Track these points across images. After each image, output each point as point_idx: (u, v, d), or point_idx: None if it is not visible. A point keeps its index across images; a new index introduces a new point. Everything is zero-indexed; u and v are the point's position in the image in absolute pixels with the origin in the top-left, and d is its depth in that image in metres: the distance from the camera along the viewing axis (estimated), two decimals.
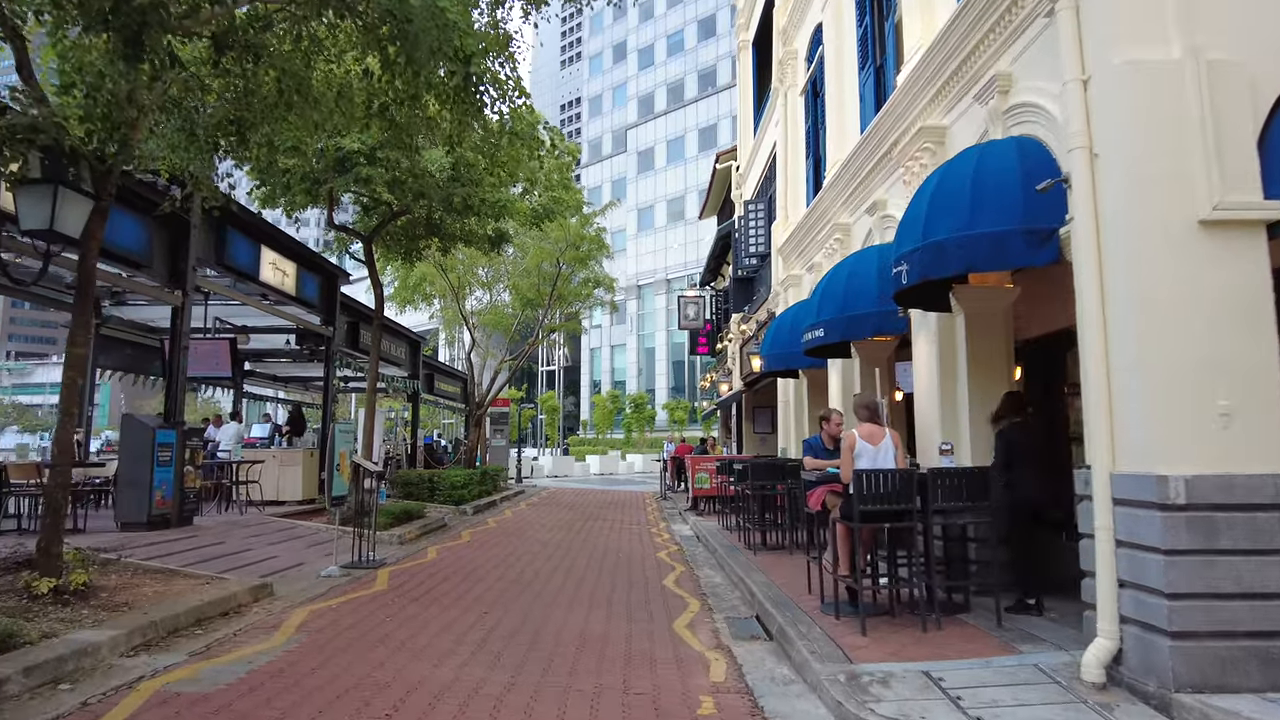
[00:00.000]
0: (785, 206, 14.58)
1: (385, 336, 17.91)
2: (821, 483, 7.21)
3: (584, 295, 21.76)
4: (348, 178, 11.50)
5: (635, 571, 9.55)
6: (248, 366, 19.93)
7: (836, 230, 11.05)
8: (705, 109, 64.37)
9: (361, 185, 11.67)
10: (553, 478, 34.15)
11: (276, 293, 12.29)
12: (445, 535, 12.65)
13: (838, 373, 11.00)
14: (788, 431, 13.98)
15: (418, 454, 19.19)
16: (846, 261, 9.35)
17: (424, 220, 14.88)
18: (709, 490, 15.77)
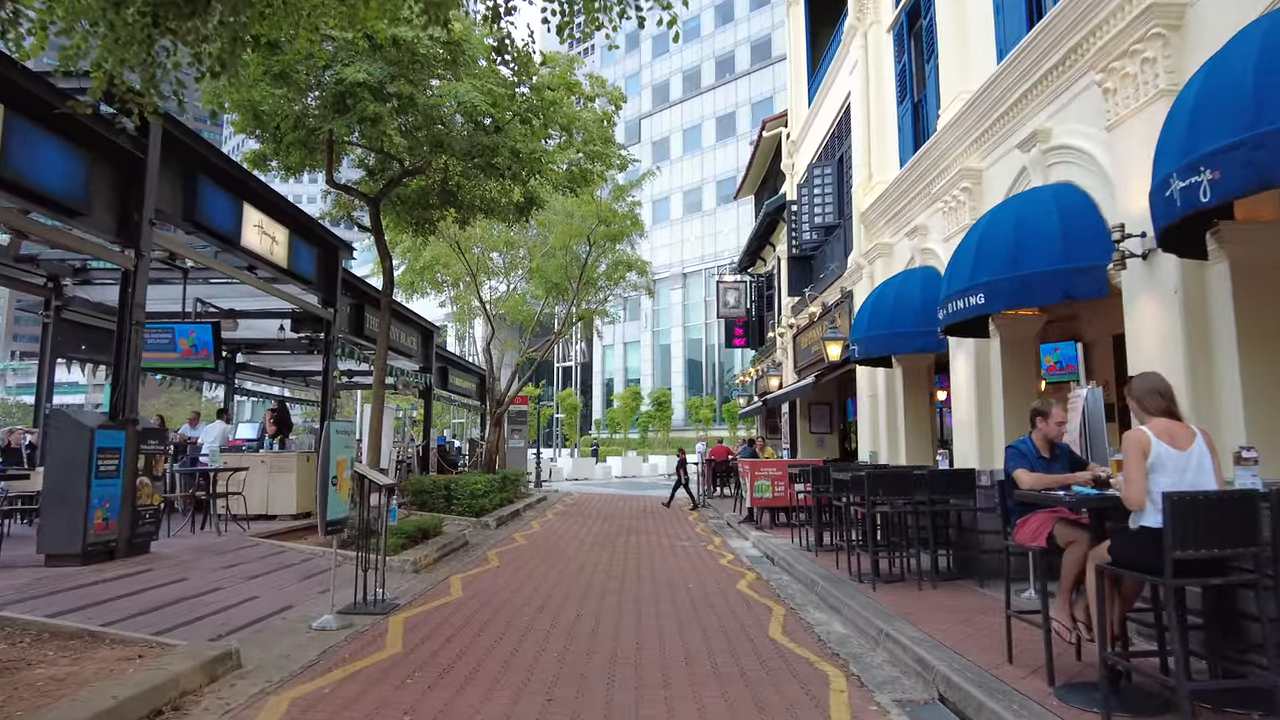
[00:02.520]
0: (868, 165, 12.31)
1: (395, 323, 15.69)
2: (1036, 506, 4.95)
3: (616, 278, 19.48)
4: (349, 117, 9.27)
5: (723, 613, 7.30)
6: (240, 359, 17.81)
7: (963, 178, 8.78)
8: (723, 96, 61.97)
9: (368, 127, 9.44)
10: (573, 481, 31.92)
11: (264, 263, 10.08)
12: (468, 558, 10.42)
13: (967, 357, 8.73)
14: (876, 431, 11.71)
15: (430, 457, 16.99)
16: (1011, 206, 7.07)
17: (439, 187, 12.72)
18: (771, 500, 13.50)
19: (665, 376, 61.06)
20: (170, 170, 8.09)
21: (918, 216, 10.46)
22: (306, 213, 11.24)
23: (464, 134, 10.43)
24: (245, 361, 18.19)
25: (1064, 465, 5.07)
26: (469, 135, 10.45)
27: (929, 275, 9.79)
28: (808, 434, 17.11)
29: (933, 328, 9.20)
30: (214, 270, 11.07)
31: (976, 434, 8.44)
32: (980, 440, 8.42)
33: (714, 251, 59.05)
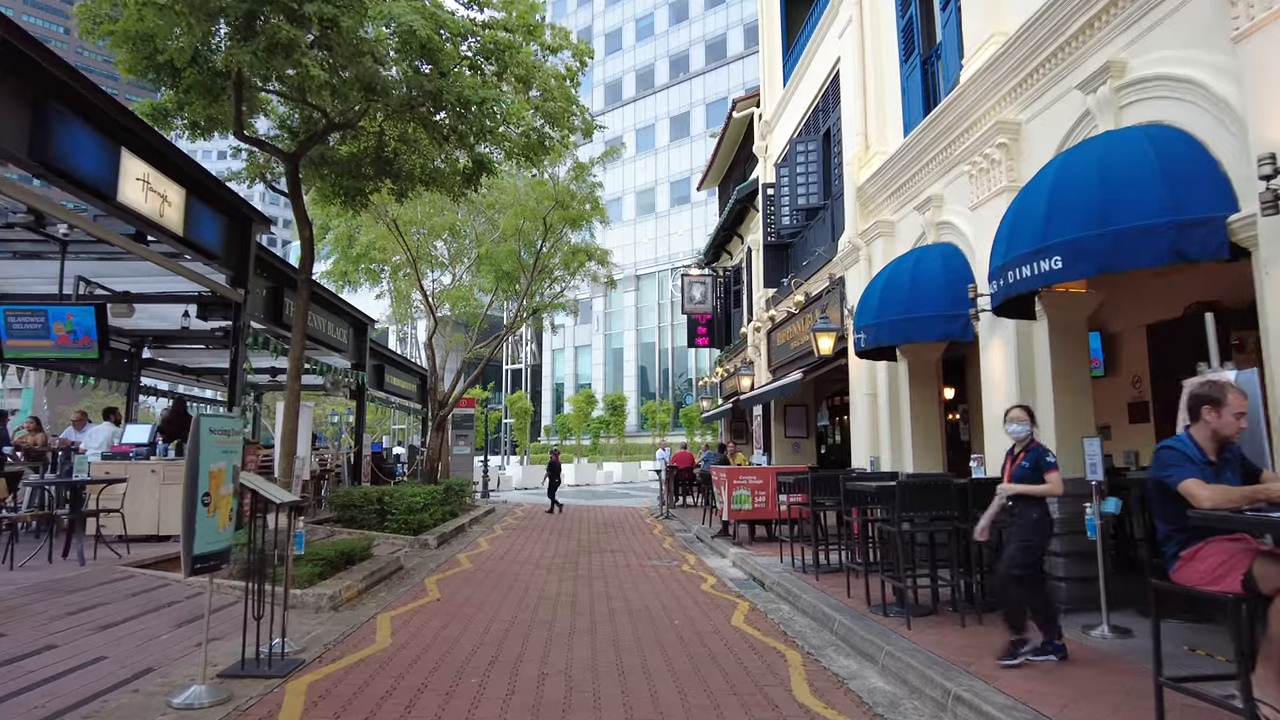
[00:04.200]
0: (864, 135, 10.95)
1: (322, 312, 13.77)
2: (1211, 531, 3.50)
3: (573, 268, 17.77)
4: (256, 43, 7.46)
5: (726, 663, 5.74)
6: (147, 354, 15.62)
7: (998, 133, 7.42)
8: (677, 96, 60.71)
9: (281, 60, 7.65)
10: (523, 490, 30.02)
11: (151, 227, 8.17)
12: (402, 588, 8.64)
13: (1005, 345, 7.34)
14: (875, 434, 10.31)
15: (364, 465, 15.05)
16: (1087, 152, 5.68)
17: (373, 154, 10.95)
18: (751, 513, 12.01)
19: (618, 381, 59.40)
20: (9, 91, 6.19)
21: (930, 186, 9.10)
22: (209, 171, 9.32)
23: (402, 75, 8.69)
24: (153, 357, 16.00)
25: (1235, 474, 3.65)
26: (407, 78, 8.72)
27: (949, 252, 8.45)
28: (783, 438, 15.70)
29: (958, 311, 7.88)
30: (102, 245, 9.16)
31: None
32: None
33: (668, 253, 57.71)
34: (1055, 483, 5.31)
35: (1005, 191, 7.36)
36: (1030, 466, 5.40)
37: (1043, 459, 5.37)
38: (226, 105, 9.16)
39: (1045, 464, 5.36)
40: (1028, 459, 5.45)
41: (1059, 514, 6.62)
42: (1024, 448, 5.52)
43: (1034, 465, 5.38)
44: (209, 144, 11.98)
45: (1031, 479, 5.37)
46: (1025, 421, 5.56)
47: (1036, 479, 5.35)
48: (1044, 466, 5.35)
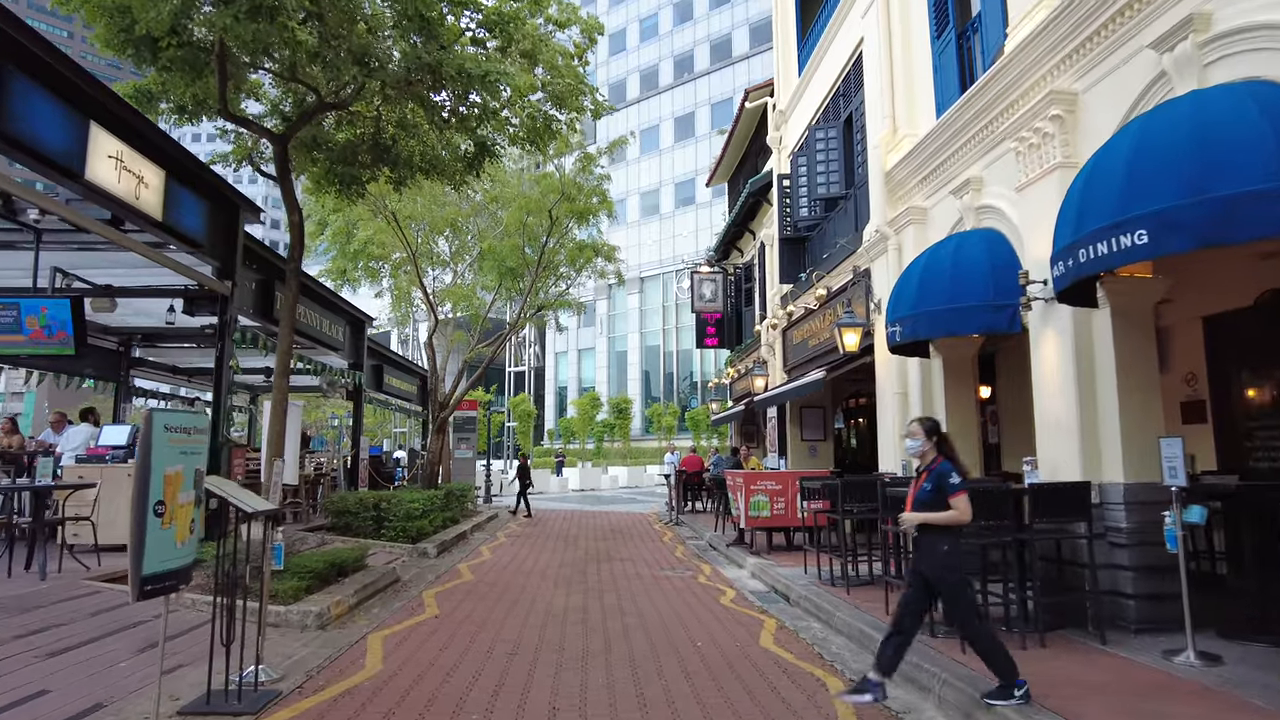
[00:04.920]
0: (891, 118, 10.28)
1: (317, 308, 13.11)
2: None
3: (579, 265, 17.10)
4: (236, 7, 6.82)
5: (761, 694, 5.06)
6: (137, 353, 14.99)
7: (1051, 104, 6.74)
8: (681, 96, 60.08)
9: (265, 26, 7.00)
10: None
11: (123, 208, 7.50)
12: (397, 602, 7.96)
13: (1060, 336, 6.66)
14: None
15: (360, 469, 14.38)
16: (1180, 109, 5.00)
17: (370, 140, 10.34)
18: (769, 520, 11.32)
19: (621, 384, 58.69)
20: None
21: (969, 168, 8.43)
22: (191, 153, 8.67)
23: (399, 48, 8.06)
24: (142, 356, 15.35)
25: None
26: (404, 53, 8.08)
27: (992, 238, 7.77)
28: (799, 441, 15.00)
29: (1004, 300, 7.21)
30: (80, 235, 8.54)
31: (1078, 436, 6.38)
32: (1083, 444, 6.36)
33: (672, 255, 57.01)
34: (962, 508, 4.50)
35: (1059, 168, 6.69)
36: (933, 489, 4.58)
37: (946, 480, 4.55)
38: (212, 83, 8.55)
39: (950, 486, 4.53)
40: (930, 480, 4.62)
41: (1127, 522, 5.95)
42: (927, 467, 4.73)
43: (936, 487, 4.57)
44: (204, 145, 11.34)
45: (934, 503, 4.55)
46: (920, 436, 4.76)
47: (940, 503, 4.53)
48: (948, 489, 4.53)
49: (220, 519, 6.76)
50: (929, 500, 4.59)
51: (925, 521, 4.59)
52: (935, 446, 4.73)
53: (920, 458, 4.80)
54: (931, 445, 4.75)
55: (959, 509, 4.50)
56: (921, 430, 4.78)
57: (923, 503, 4.64)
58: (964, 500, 4.51)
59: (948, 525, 4.54)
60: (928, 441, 4.75)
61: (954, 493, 4.52)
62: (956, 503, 4.51)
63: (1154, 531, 5.74)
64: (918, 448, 4.79)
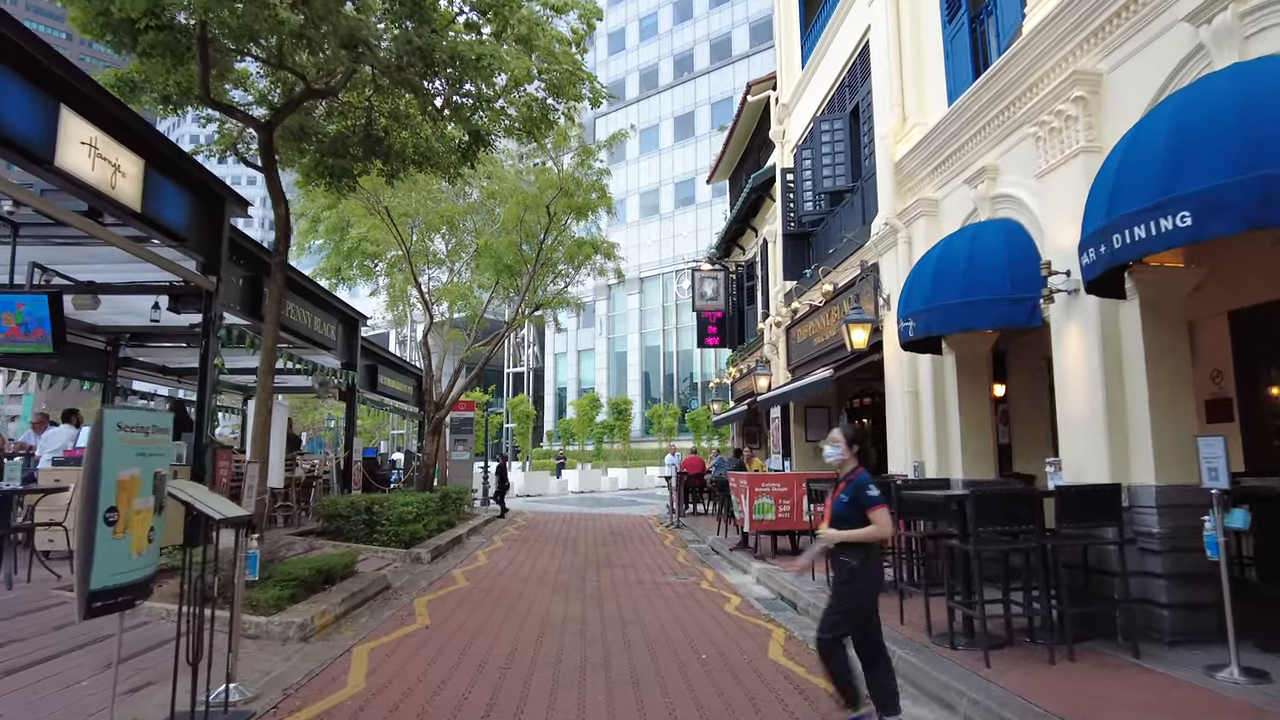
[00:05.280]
0: (900, 106, 9.94)
1: (308, 305, 12.75)
2: None
3: (578, 263, 16.72)
4: None
5: (770, 710, 4.70)
6: (127, 353, 14.62)
7: (1075, 86, 6.39)
8: (681, 95, 59.73)
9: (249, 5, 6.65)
10: (525, 497, 28.95)
11: (99, 198, 7.14)
12: (387, 611, 7.60)
13: (1084, 330, 6.32)
14: (919, 437, 9.26)
15: (353, 471, 14.01)
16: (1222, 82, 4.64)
17: (361, 131, 10.01)
18: (774, 524, 10.96)
19: (621, 385, 58.30)
20: None
21: (983, 156, 8.08)
22: (173, 142, 8.31)
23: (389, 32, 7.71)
24: (131, 356, 14.97)
25: None
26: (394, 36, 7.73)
27: (1010, 228, 7.42)
28: (803, 442, 14.63)
29: (1023, 293, 6.87)
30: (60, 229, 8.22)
31: (1105, 434, 6.02)
32: (1111, 443, 6.00)
33: (672, 255, 56.68)
34: (882, 523, 4.11)
35: (1083, 153, 6.34)
36: (850, 501, 4.21)
37: (864, 492, 4.17)
38: (195, 70, 8.20)
39: (867, 499, 4.15)
40: (847, 492, 4.25)
41: (1159, 527, 5.59)
42: (845, 477, 4.34)
43: (854, 500, 4.19)
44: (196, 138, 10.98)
45: (851, 516, 4.18)
46: (840, 444, 4.38)
47: (857, 517, 4.16)
48: (865, 502, 4.15)
49: (199, 526, 6.41)
50: (845, 514, 4.21)
51: (844, 539, 4.20)
52: (856, 456, 4.36)
53: (840, 467, 4.42)
54: (853, 455, 4.36)
55: (878, 523, 4.11)
56: (843, 438, 4.39)
57: (839, 516, 4.26)
58: (883, 514, 4.12)
59: (866, 542, 4.16)
60: (848, 450, 4.35)
61: (872, 506, 4.13)
62: (875, 517, 4.11)
63: (1188, 537, 5.39)
64: (837, 456, 4.40)
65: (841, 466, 4.40)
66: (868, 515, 4.12)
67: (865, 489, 4.16)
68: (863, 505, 4.14)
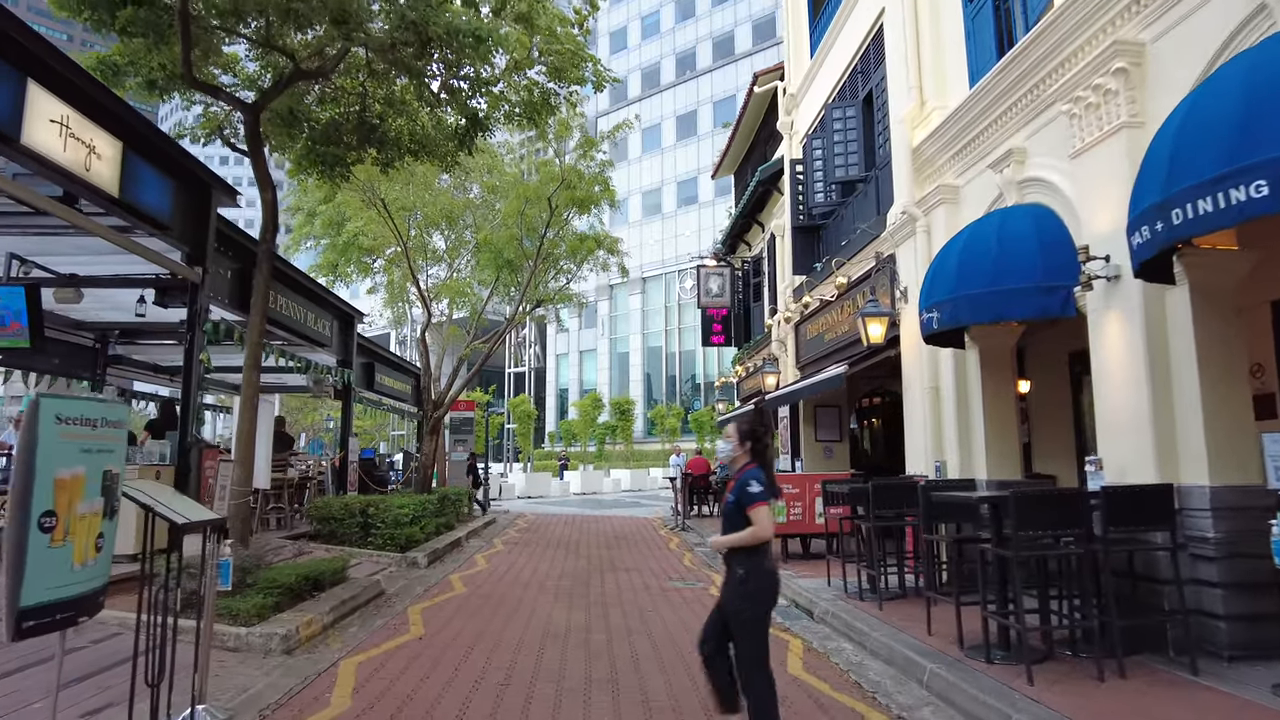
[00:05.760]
0: (918, 90, 9.50)
1: (302, 301, 12.33)
2: None
3: (580, 258, 16.28)
4: None
5: None
6: (117, 351, 14.21)
7: (1115, 57, 5.95)
8: (684, 94, 59.27)
9: None
10: (526, 499, 28.50)
11: (72, 180, 6.72)
12: (379, 620, 7.16)
13: (1126, 319, 5.88)
14: (939, 436, 8.81)
15: (348, 472, 13.59)
16: None
17: (355, 118, 9.62)
18: (786, 526, 10.53)
19: (623, 386, 57.83)
20: None
21: (1010, 138, 7.64)
22: (154, 124, 7.88)
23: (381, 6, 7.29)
24: (122, 354, 14.56)
25: None
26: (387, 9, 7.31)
27: (1040, 213, 6.98)
28: (813, 442, 14.19)
29: (1057, 281, 6.44)
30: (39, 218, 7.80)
31: (1151, 431, 5.58)
32: (1158, 440, 5.55)
33: (675, 255, 56.24)
34: (760, 522, 3.69)
35: (1124, 129, 5.91)
36: (735, 501, 3.83)
37: (745, 490, 3.77)
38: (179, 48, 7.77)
39: (748, 496, 3.74)
40: (734, 491, 3.87)
41: (1214, 532, 5.14)
42: (735, 475, 3.94)
43: (738, 499, 3.81)
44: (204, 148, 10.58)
45: (737, 517, 3.78)
46: (732, 439, 3.99)
47: (743, 518, 3.75)
48: (746, 500, 3.74)
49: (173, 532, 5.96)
50: (732, 515, 3.82)
51: (728, 545, 3.80)
52: (750, 452, 3.93)
53: (733, 464, 4.00)
54: (745, 451, 3.94)
55: (757, 523, 3.69)
56: (735, 433, 3.97)
57: (727, 518, 3.86)
58: (762, 513, 3.70)
59: (749, 546, 3.74)
60: (740, 446, 3.94)
61: (752, 503, 3.71)
62: (754, 515, 3.70)
63: (1248, 542, 4.96)
64: (728, 452, 4.00)
65: (734, 463, 3.98)
66: (748, 514, 3.70)
67: (747, 486, 3.74)
68: (744, 504, 3.73)
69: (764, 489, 3.73)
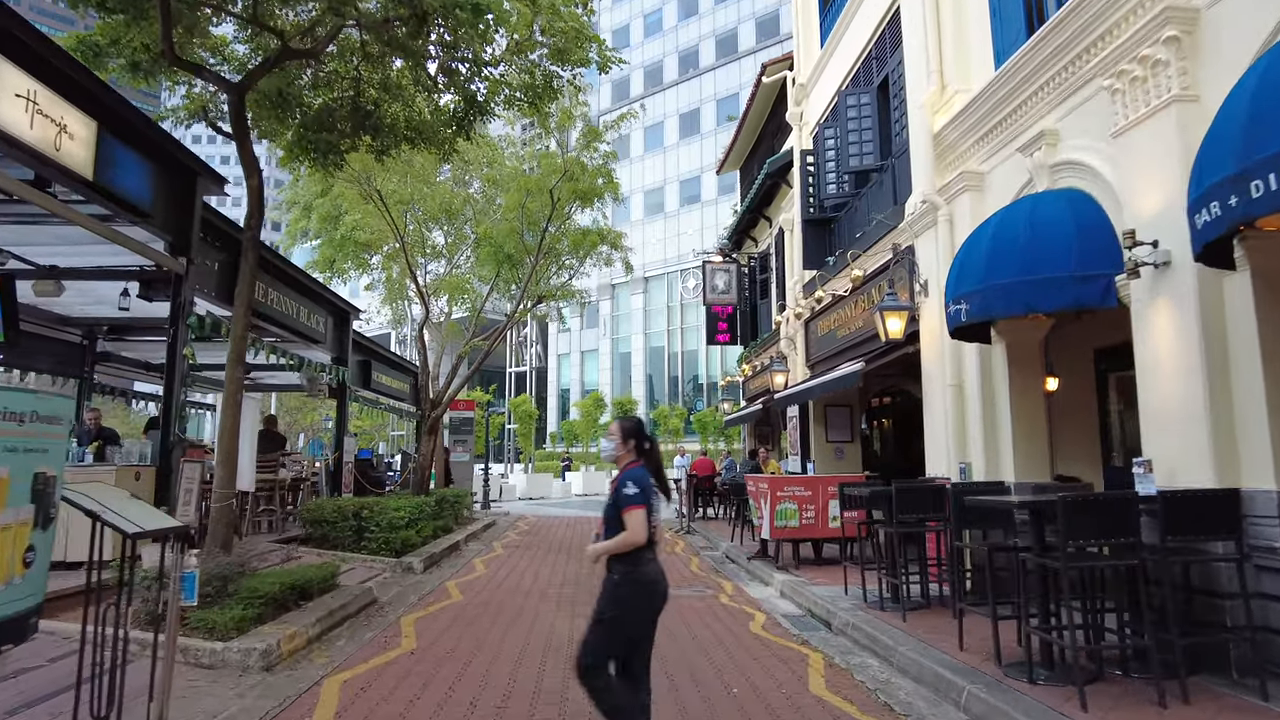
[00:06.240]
0: (939, 73, 9.05)
1: (294, 295, 11.89)
2: None
3: (583, 253, 15.83)
4: None
5: None
6: (105, 347, 13.77)
7: (1166, 23, 5.50)
8: (687, 92, 58.81)
9: None
10: (527, 500, 28.04)
11: (41, 161, 6.28)
12: (370, 631, 6.71)
13: (1178, 307, 5.42)
14: (963, 436, 8.35)
15: (344, 473, 13.13)
16: None
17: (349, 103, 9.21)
18: (798, 531, 10.07)
19: (625, 386, 57.35)
20: None
21: (1041, 120, 7.19)
22: (133, 104, 7.42)
23: None
24: (110, 350, 14.11)
25: None
26: None
27: (1076, 198, 6.53)
28: (824, 443, 13.73)
29: (1096, 270, 6.02)
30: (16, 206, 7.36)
31: (1208, 430, 5.12)
32: (1215, 441, 5.09)
33: (677, 254, 55.78)
34: (632, 526, 3.47)
35: (1175, 103, 5.45)
36: (611, 504, 3.62)
37: (620, 492, 3.56)
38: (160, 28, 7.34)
39: (623, 499, 3.52)
40: (613, 493, 3.65)
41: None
42: (618, 475, 3.71)
43: (614, 501, 3.60)
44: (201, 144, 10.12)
45: (615, 520, 3.55)
46: (615, 437, 3.77)
47: (619, 521, 3.53)
48: (621, 503, 3.53)
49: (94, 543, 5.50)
50: (610, 518, 3.61)
51: (602, 552, 3.57)
52: (634, 451, 3.69)
53: (617, 464, 3.73)
54: (629, 450, 3.70)
55: (628, 527, 3.47)
56: (618, 430, 3.76)
57: (607, 521, 3.61)
58: (635, 517, 3.47)
59: (622, 550, 3.52)
60: (623, 445, 3.72)
61: (626, 506, 3.50)
62: (626, 519, 3.49)
63: None
64: (611, 451, 3.76)
65: (618, 463, 3.71)
66: (622, 517, 3.47)
67: (624, 487, 3.50)
68: (620, 506, 3.49)
69: (640, 491, 3.50)
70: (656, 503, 3.65)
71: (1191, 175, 4.58)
